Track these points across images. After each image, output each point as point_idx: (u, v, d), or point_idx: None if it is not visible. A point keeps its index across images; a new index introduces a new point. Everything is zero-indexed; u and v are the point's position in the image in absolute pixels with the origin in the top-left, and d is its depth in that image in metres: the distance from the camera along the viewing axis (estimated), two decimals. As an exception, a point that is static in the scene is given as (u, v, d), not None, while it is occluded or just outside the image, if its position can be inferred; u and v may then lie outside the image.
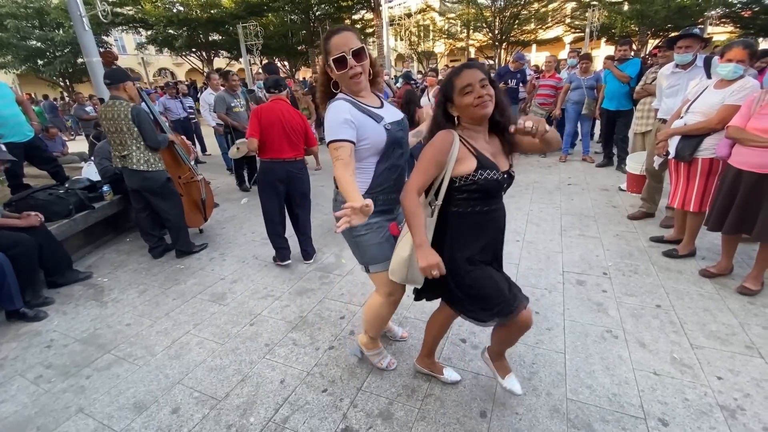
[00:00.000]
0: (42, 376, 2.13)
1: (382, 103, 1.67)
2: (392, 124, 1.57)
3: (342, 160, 1.43)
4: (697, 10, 16.00)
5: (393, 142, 1.57)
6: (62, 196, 3.41)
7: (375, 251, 1.66)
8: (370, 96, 1.63)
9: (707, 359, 1.98)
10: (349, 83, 1.53)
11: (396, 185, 1.63)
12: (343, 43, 1.48)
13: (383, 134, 1.53)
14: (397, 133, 1.59)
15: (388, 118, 1.58)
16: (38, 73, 18.71)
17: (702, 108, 2.65)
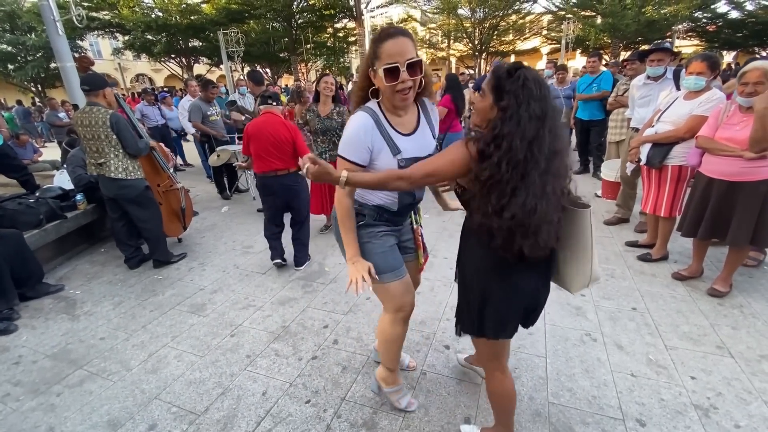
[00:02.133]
0: (10, 395, 2.02)
1: (418, 126, 1.46)
2: (409, 159, 1.38)
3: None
4: (665, 24, 16.80)
5: None
6: (32, 206, 3.28)
7: (380, 260, 1.51)
8: (409, 114, 1.45)
9: (681, 360, 2.05)
10: (394, 97, 1.33)
11: (407, 210, 1.60)
12: (398, 51, 1.26)
13: (394, 167, 1.38)
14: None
15: (409, 151, 1.40)
16: (8, 78, 18.05)
17: (672, 118, 2.77)
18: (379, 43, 1.29)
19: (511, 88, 1.11)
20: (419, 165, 1.25)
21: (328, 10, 18.09)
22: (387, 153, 1.38)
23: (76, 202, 3.64)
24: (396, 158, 1.38)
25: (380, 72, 1.29)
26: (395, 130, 1.40)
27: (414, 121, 1.46)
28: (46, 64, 17.02)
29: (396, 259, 1.57)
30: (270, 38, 20.10)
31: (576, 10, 18.65)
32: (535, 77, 1.14)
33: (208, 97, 5.31)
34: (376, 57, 1.31)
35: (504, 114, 1.12)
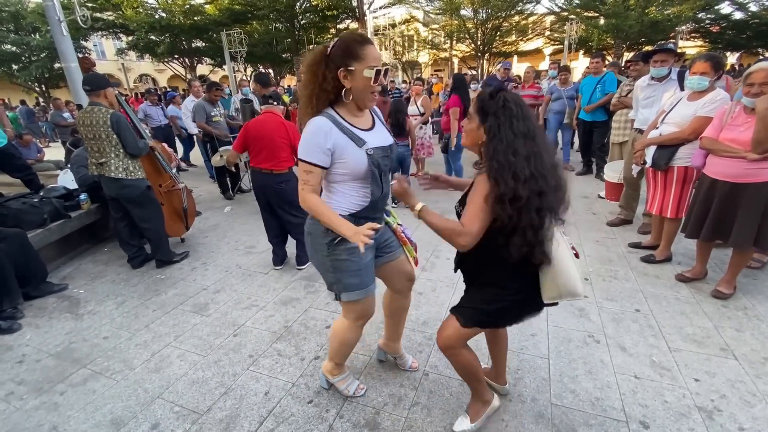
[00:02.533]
0: (13, 393, 2.03)
1: (374, 124, 1.56)
2: (376, 149, 1.47)
3: (310, 185, 1.42)
4: (668, 25, 16.74)
5: (375, 168, 1.46)
6: (36, 205, 3.30)
7: (353, 279, 1.56)
8: (365, 115, 1.54)
9: (684, 362, 2.04)
10: (366, 98, 1.44)
11: (378, 210, 1.60)
12: (378, 57, 1.39)
13: (364, 159, 1.43)
14: (381, 159, 1.49)
15: (373, 142, 1.47)
16: (13, 78, 18.15)
17: (676, 119, 2.76)
18: (363, 45, 1.36)
19: (493, 109, 1.26)
20: (469, 217, 1.31)
21: (330, 11, 18.12)
22: (353, 146, 1.42)
23: (80, 201, 3.66)
24: (363, 149, 1.43)
25: (366, 72, 1.36)
26: (356, 126, 1.46)
27: (370, 120, 1.55)
28: (50, 65, 17.10)
29: (369, 276, 1.61)
30: (273, 39, 20.15)
31: (579, 10, 18.61)
32: (515, 99, 1.27)
33: (212, 98, 5.34)
34: (356, 58, 1.35)
35: (489, 133, 1.26)
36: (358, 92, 1.41)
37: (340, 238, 1.47)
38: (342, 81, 1.38)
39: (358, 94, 1.42)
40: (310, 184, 1.42)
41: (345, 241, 1.48)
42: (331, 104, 1.46)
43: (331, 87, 1.40)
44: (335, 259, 1.54)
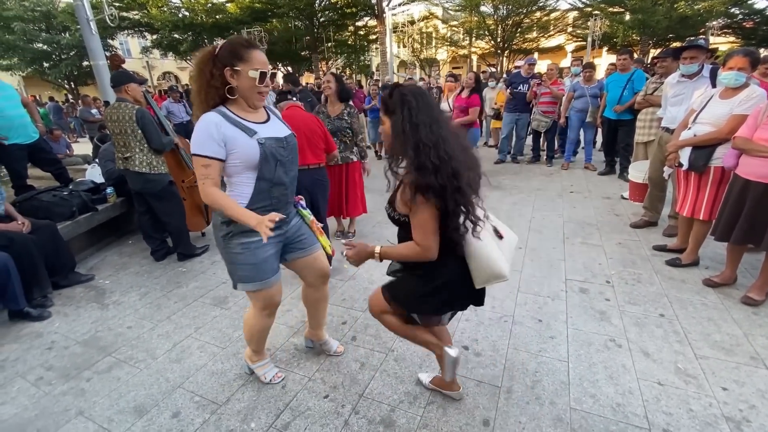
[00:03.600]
0: (42, 378, 2.12)
1: (269, 119, 1.64)
2: (269, 139, 1.54)
3: (211, 179, 1.48)
4: (699, 21, 16.13)
5: (269, 157, 1.53)
6: (66, 198, 3.42)
7: (249, 271, 1.63)
8: (257, 111, 1.61)
9: (712, 370, 1.97)
10: (254, 97, 1.53)
11: (280, 203, 1.63)
12: (265, 61, 1.50)
13: (255, 148, 1.50)
14: (276, 149, 1.56)
15: (264, 133, 1.55)
16: (43, 76, 18.87)
17: (710, 119, 2.65)
18: (248, 48, 1.47)
19: (393, 106, 1.33)
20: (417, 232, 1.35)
21: (349, 8, 18.15)
22: (243, 137, 1.49)
23: (107, 195, 3.78)
24: (254, 138, 1.50)
25: (251, 73, 1.46)
26: (246, 120, 1.54)
27: (264, 116, 1.64)
28: (79, 63, 17.71)
29: (267, 270, 1.66)
30: (292, 37, 20.32)
31: (603, 6, 18.11)
32: (413, 91, 1.32)
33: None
34: (242, 59, 1.45)
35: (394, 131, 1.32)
36: (244, 91, 1.50)
37: (234, 232, 1.57)
38: (228, 79, 1.47)
39: (244, 92, 1.51)
40: (210, 178, 1.48)
41: (238, 235, 1.58)
42: (223, 101, 1.53)
43: (219, 83, 1.48)
44: (230, 252, 1.62)
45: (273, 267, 1.70)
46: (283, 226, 1.69)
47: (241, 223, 1.46)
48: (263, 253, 1.63)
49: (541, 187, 5.25)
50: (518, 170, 6.26)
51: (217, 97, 1.51)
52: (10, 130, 3.70)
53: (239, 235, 1.58)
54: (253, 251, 1.61)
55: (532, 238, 3.63)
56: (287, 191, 1.66)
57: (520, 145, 6.78)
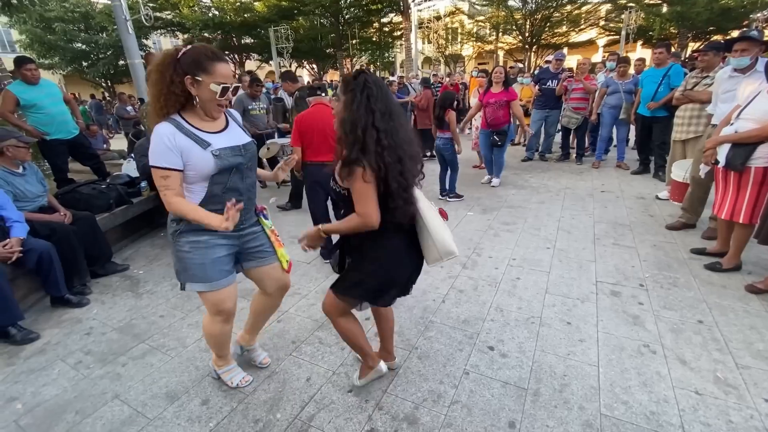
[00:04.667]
0: (81, 362, 2.23)
1: (227, 126, 1.61)
2: (224, 150, 1.51)
3: (172, 189, 1.46)
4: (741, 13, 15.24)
5: (225, 169, 1.52)
6: (104, 191, 3.58)
7: (197, 271, 1.60)
8: (213, 120, 1.57)
9: (754, 380, 1.86)
10: (212, 107, 1.51)
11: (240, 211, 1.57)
12: (229, 75, 1.49)
13: (210, 161, 1.48)
14: (233, 158, 1.53)
15: (220, 143, 1.52)
16: (83, 74, 19.78)
17: (754, 115, 2.50)
18: (213, 61, 1.44)
19: (354, 87, 1.39)
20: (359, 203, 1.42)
21: (375, 4, 18.14)
22: (197, 149, 1.47)
23: (141, 189, 3.93)
24: (208, 150, 1.48)
25: (212, 87, 1.44)
26: (201, 130, 1.51)
27: (223, 123, 1.60)
28: (116, 62, 18.47)
29: (216, 271, 1.62)
30: (318, 34, 20.52)
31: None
32: (375, 80, 1.42)
33: (253, 93, 5.48)
34: (205, 71, 1.43)
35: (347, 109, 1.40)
36: (203, 102, 1.48)
37: (183, 230, 1.57)
38: (188, 87, 1.44)
39: (203, 103, 1.49)
40: (171, 188, 1.46)
41: (187, 233, 1.57)
42: (181, 107, 1.51)
43: (179, 90, 1.45)
44: (179, 250, 1.59)
45: (223, 269, 1.65)
46: (240, 228, 1.67)
47: (207, 227, 1.44)
48: (213, 253, 1.60)
49: (571, 186, 5.10)
50: (546, 168, 6.10)
51: (177, 104, 1.49)
52: (52, 125, 3.89)
53: (188, 233, 1.57)
54: (203, 250, 1.58)
55: (561, 238, 3.53)
56: (242, 198, 1.61)
57: (549, 142, 6.60)
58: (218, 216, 1.43)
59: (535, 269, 2.99)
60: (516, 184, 5.31)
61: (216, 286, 1.64)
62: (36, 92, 3.80)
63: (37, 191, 2.94)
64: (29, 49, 17.28)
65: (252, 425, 1.74)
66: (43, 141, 3.88)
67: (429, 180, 5.51)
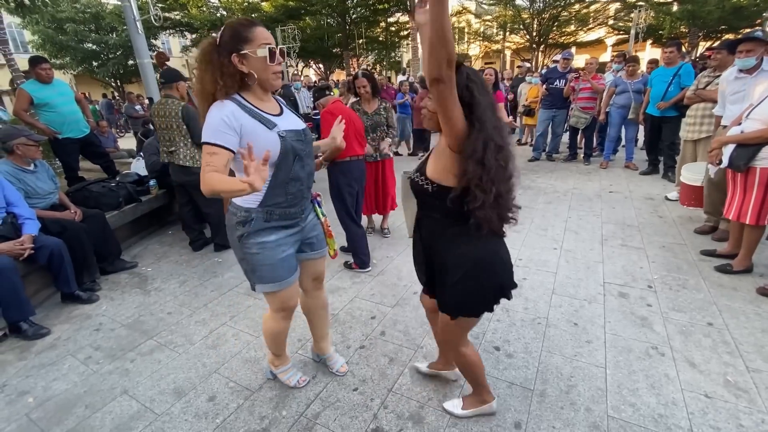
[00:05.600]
0: (91, 357, 2.26)
1: (282, 110, 1.54)
2: (289, 132, 1.44)
3: (213, 166, 1.27)
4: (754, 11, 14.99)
5: (289, 151, 1.43)
6: (113, 189, 3.62)
7: (266, 272, 1.55)
8: (271, 101, 1.51)
9: (765, 384, 1.83)
10: (269, 78, 1.40)
11: (296, 199, 1.53)
12: (270, 37, 1.37)
13: (276, 142, 1.39)
14: (295, 143, 1.45)
15: (283, 125, 1.45)
16: (93, 74, 20.01)
17: (762, 115, 2.46)
18: (249, 27, 1.34)
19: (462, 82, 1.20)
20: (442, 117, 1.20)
21: (381, 4, 18.13)
22: (263, 129, 1.38)
23: (149, 187, 3.96)
24: (274, 131, 1.40)
25: (259, 52, 1.33)
26: (263, 111, 1.42)
27: (277, 106, 1.53)
28: (125, 61, 18.66)
29: (285, 269, 1.58)
30: (324, 34, 20.55)
31: (649, -4, 17.15)
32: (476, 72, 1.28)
33: None
34: (246, 41, 1.33)
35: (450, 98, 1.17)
36: (259, 74, 1.38)
37: (249, 232, 1.49)
38: (239, 66, 1.35)
39: (260, 78, 1.39)
40: (213, 166, 1.28)
41: (254, 234, 1.49)
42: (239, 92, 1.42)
43: (230, 72, 1.35)
44: (246, 252, 1.53)
45: (290, 266, 1.61)
46: (299, 222, 1.62)
47: (236, 193, 1.21)
48: (280, 252, 1.55)
49: (578, 186, 5.06)
50: (553, 168, 6.05)
51: (236, 85, 1.38)
52: (63, 124, 3.94)
53: (255, 235, 1.50)
54: (271, 251, 1.53)
55: (568, 238, 3.50)
56: (303, 186, 1.55)
57: (556, 142, 6.55)
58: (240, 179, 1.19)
59: (541, 270, 2.98)
60: (523, 184, 5.27)
61: (284, 285, 1.60)
62: (49, 91, 3.85)
63: (48, 188, 2.98)
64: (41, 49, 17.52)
65: (258, 422, 1.75)
66: (55, 139, 3.93)
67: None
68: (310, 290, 1.87)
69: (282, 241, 1.55)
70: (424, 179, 1.34)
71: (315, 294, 1.89)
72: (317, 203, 1.76)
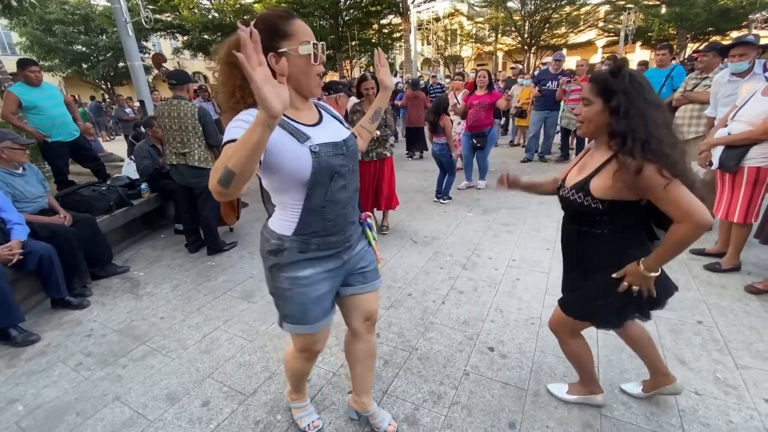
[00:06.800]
0: (82, 364, 2.23)
1: (321, 118, 1.26)
2: (324, 145, 1.15)
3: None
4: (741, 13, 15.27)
5: (324, 169, 1.14)
6: (104, 193, 3.59)
7: (296, 311, 1.30)
8: (309, 109, 1.24)
9: (753, 380, 1.87)
10: (310, 82, 1.16)
11: (337, 226, 1.25)
12: (311, 32, 1.14)
13: (306, 159, 1.12)
14: (332, 158, 1.16)
15: (318, 137, 1.16)
16: (82, 76, 19.80)
17: (748, 117, 2.51)
18: (288, 20, 1.11)
19: (621, 87, 1.23)
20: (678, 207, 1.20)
21: (374, 6, 18.16)
22: (292, 143, 1.12)
23: (141, 190, 3.93)
24: (306, 145, 1.13)
25: (302, 50, 1.09)
26: (296, 121, 1.17)
27: (315, 115, 1.25)
28: (115, 64, 18.50)
29: (318, 311, 1.31)
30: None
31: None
32: (639, 73, 1.26)
33: None
34: (285, 36, 1.09)
35: (619, 112, 1.23)
36: (299, 76, 1.13)
37: (281, 263, 1.24)
38: (274, 68, 1.02)
39: (299, 78, 1.14)
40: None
41: (287, 267, 1.24)
42: None
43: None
44: (276, 286, 1.29)
45: (324, 308, 1.33)
46: (342, 254, 1.32)
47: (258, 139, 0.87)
48: (315, 291, 1.28)
49: (570, 186, 5.11)
50: (546, 169, 6.10)
51: None
52: (53, 128, 3.90)
53: (288, 268, 1.24)
54: (304, 288, 1.26)
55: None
56: (347, 210, 1.27)
57: (548, 143, 6.62)
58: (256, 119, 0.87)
59: (534, 270, 3.00)
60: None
61: (313, 329, 1.33)
62: (37, 94, 3.81)
63: (37, 192, 2.94)
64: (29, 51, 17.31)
65: (252, 426, 1.75)
66: (44, 143, 3.89)
67: (430, 181, 5.52)
68: (360, 332, 1.52)
69: (318, 277, 1.28)
70: (587, 197, 1.36)
71: (366, 338, 1.53)
72: (368, 226, 1.45)
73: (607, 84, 1.26)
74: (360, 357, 1.58)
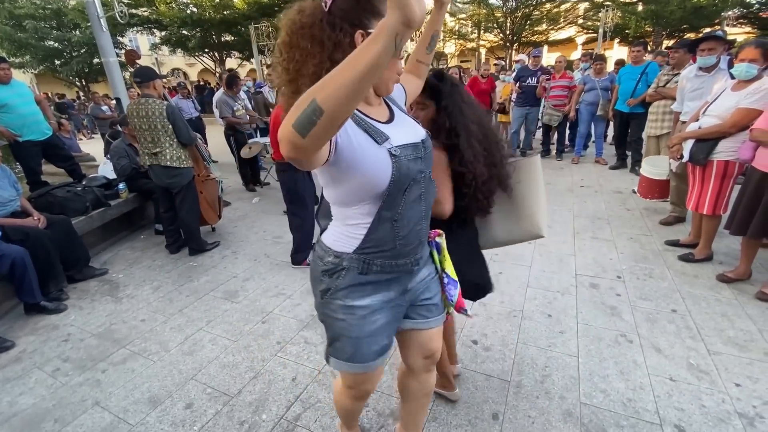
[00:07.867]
0: (59, 370, 2.17)
1: (392, 114, 1.06)
2: (403, 147, 0.97)
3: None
4: (713, 11, 15.73)
5: (403, 176, 0.96)
6: (79, 194, 3.48)
7: (347, 346, 1.10)
8: (381, 105, 1.06)
9: (725, 366, 1.94)
10: (390, 78, 0.97)
11: (408, 245, 1.05)
12: None
13: (387, 164, 0.93)
14: (412, 162, 0.98)
15: (396, 137, 0.98)
16: (55, 73, 19.09)
17: (717, 111, 2.60)
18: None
19: (445, 89, 1.38)
20: (441, 193, 1.32)
21: (358, 2, 18.05)
22: (371, 145, 0.92)
23: (119, 190, 3.83)
24: (384, 146, 0.94)
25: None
26: (372, 118, 0.99)
27: (386, 111, 1.06)
28: (90, 60, 17.88)
29: (372, 348, 1.10)
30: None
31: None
32: (456, 79, 1.46)
33: (235, 91, 5.43)
34: (376, 14, 0.88)
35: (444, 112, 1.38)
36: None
37: (338, 288, 1.05)
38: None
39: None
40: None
41: (343, 292, 1.05)
42: None
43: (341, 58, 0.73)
44: (327, 314, 1.10)
45: (381, 345, 1.12)
46: (405, 280, 1.13)
47: (376, 56, 0.65)
48: (373, 323, 1.08)
49: (551, 181, 5.19)
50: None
51: None
52: (23, 127, 3.76)
53: (343, 294, 1.05)
54: (361, 320, 1.07)
55: (542, 233, 3.60)
56: (420, 226, 1.08)
57: (530, 139, 6.71)
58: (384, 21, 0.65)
59: (517, 263, 3.05)
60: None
61: (365, 368, 1.13)
62: (7, 92, 3.66)
63: (8, 195, 2.84)
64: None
65: (237, 427, 1.73)
66: (15, 142, 3.75)
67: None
68: (416, 370, 1.32)
69: (378, 307, 1.08)
70: None
71: (423, 377, 1.34)
72: (436, 247, 1.22)
73: (434, 88, 1.39)
74: (414, 395, 1.40)
